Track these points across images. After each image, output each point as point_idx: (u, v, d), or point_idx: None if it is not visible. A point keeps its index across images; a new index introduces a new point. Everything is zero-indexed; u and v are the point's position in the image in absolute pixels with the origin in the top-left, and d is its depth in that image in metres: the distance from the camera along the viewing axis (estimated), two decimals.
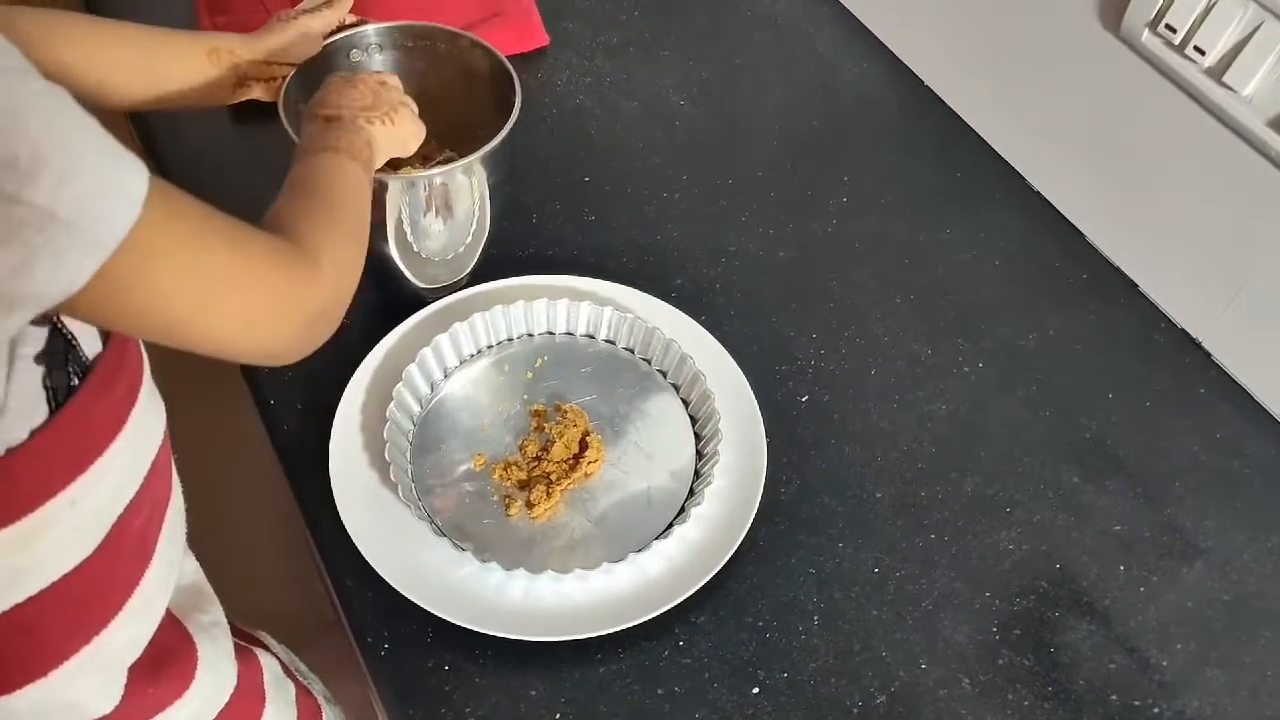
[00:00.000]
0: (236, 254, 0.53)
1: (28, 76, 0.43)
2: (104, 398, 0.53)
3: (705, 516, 0.78)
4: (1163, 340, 0.94)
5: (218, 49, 0.75)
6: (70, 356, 0.51)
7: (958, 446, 0.86)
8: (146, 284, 0.48)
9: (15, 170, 0.41)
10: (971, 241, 1.01)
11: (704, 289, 0.95)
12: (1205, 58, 0.82)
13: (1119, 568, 0.80)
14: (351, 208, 0.67)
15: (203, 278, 0.51)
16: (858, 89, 1.15)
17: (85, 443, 0.53)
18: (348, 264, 0.63)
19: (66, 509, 0.53)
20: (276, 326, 0.56)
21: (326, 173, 0.67)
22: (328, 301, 0.60)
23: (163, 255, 0.48)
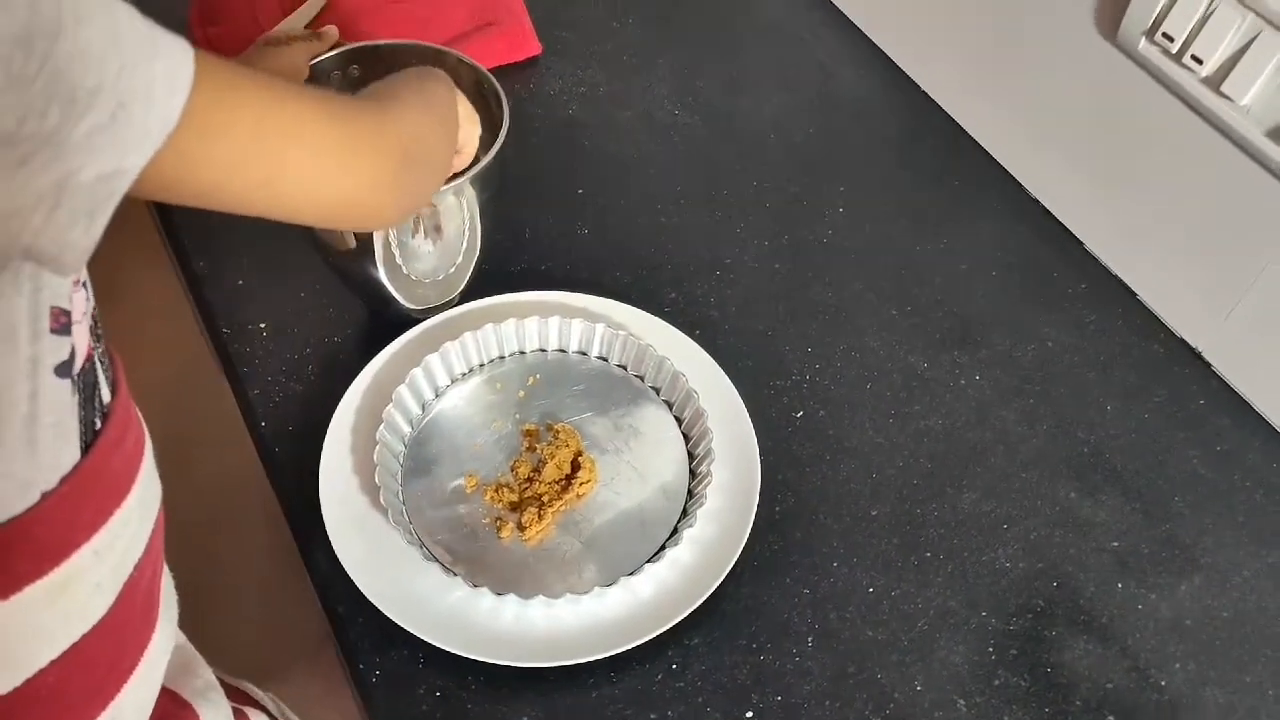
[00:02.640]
0: (304, 108, 0.52)
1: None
2: (120, 445, 0.52)
3: (698, 537, 0.78)
4: (1162, 350, 0.93)
5: None
6: (97, 394, 0.51)
7: (954, 462, 0.85)
8: (235, 116, 0.46)
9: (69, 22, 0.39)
10: (969, 251, 1.00)
11: (698, 303, 0.94)
12: (1203, 67, 0.80)
13: (1117, 584, 0.80)
14: (433, 80, 0.67)
15: (272, 132, 0.49)
16: (855, 97, 1.14)
17: (107, 491, 0.52)
18: (424, 110, 0.63)
19: (91, 561, 0.51)
20: (358, 167, 0.54)
21: (406, 71, 0.68)
22: (410, 140, 0.59)
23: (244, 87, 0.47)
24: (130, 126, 0.41)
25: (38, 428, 0.46)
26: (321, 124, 0.52)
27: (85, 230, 0.42)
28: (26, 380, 0.45)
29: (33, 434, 0.46)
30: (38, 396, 0.46)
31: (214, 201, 0.48)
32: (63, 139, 0.39)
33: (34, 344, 0.45)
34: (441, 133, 0.67)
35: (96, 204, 0.42)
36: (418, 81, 0.66)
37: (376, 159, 0.55)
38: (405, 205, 0.60)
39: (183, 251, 0.94)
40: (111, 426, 0.51)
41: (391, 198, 0.57)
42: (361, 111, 0.57)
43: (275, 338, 0.89)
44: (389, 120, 0.58)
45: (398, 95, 0.62)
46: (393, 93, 0.62)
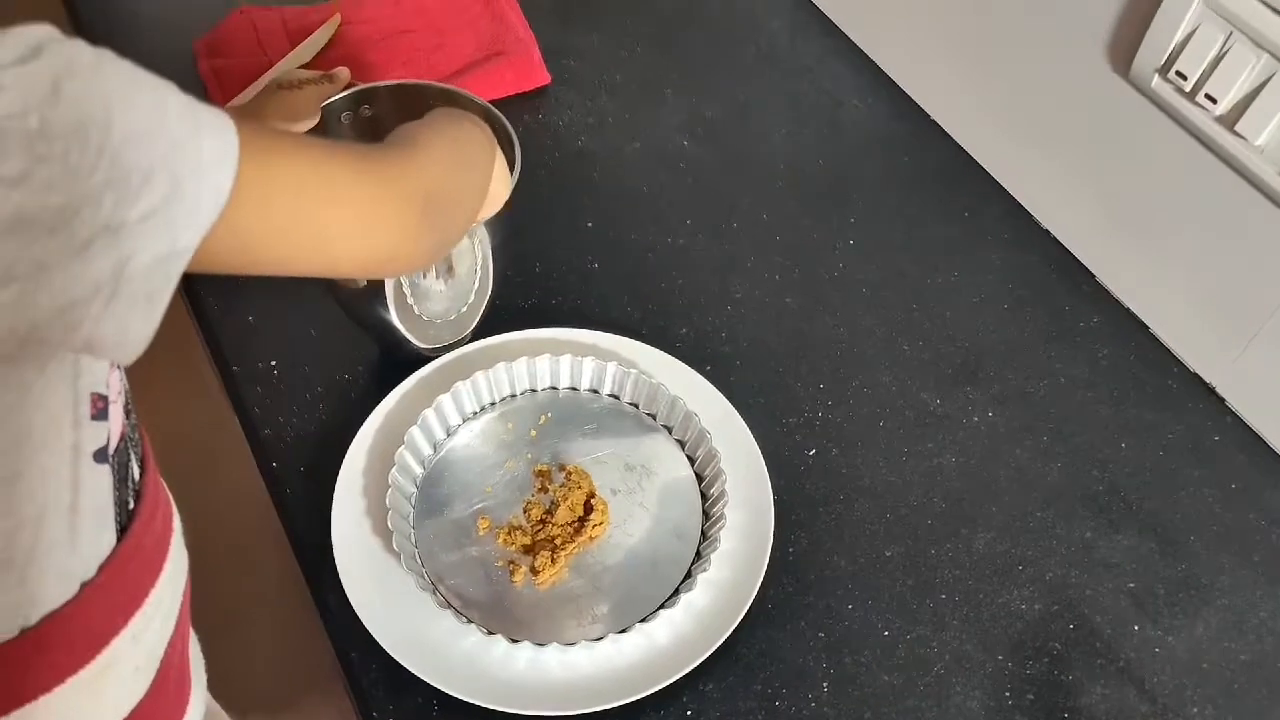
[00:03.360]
0: (335, 168, 0.52)
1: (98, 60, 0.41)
2: (152, 523, 0.52)
3: (712, 580, 0.77)
4: (1176, 386, 0.93)
5: None
6: (129, 473, 0.50)
7: (968, 501, 0.85)
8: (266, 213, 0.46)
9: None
10: (980, 284, 1.00)
11: (709, 338, 0.94)
12: (1217, 106, 0.80)
13: (1133, 627, 0.79)
14: (462, 122, 0.67)
15: (311, 195, 0.49)
16: (864, 126, 1.14)
17: (141, 572, 0.52)
18: (451, 152, 0.63)
19: (129, 646, 0.51)
20: (385, 221, 0.54)
21: (436, 114, 0.68)
22: (434, 184, 0.59)
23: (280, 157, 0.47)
24: (183, 205, 0.41)
25: (79, 517, 0.46)
26: (352, 181, 0.52)
27: (145, 317, 0.41)
28: (69, 470, 0.45)
29: (74, 524, 0.46)
30: (79, 486, 0.46)
31: (256, 268, 0.48)
32: (119, 224, 0.39)
33: (75, 431, 0.45)
34: (469, 176, 0.66)
35: (154, 289, 0.41)
36: (450, 125, 0.66)
37: (401, 207, 0.55)
38: (433, 250, 0.60)
39: (193, 288, 0.94)
40: (144, 505, 0.50)
41: (418, 245, 0.57)
42: (385, 162, 0.57)
43: (286, 376, 0.89)
44: (411, 168, 0.58)
45: (421, 141, 0.61)
46: (417, 138, 0.62)
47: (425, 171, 0.58)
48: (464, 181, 0.65)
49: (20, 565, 0.44)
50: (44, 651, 0.46)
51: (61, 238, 0.38)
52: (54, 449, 0.44)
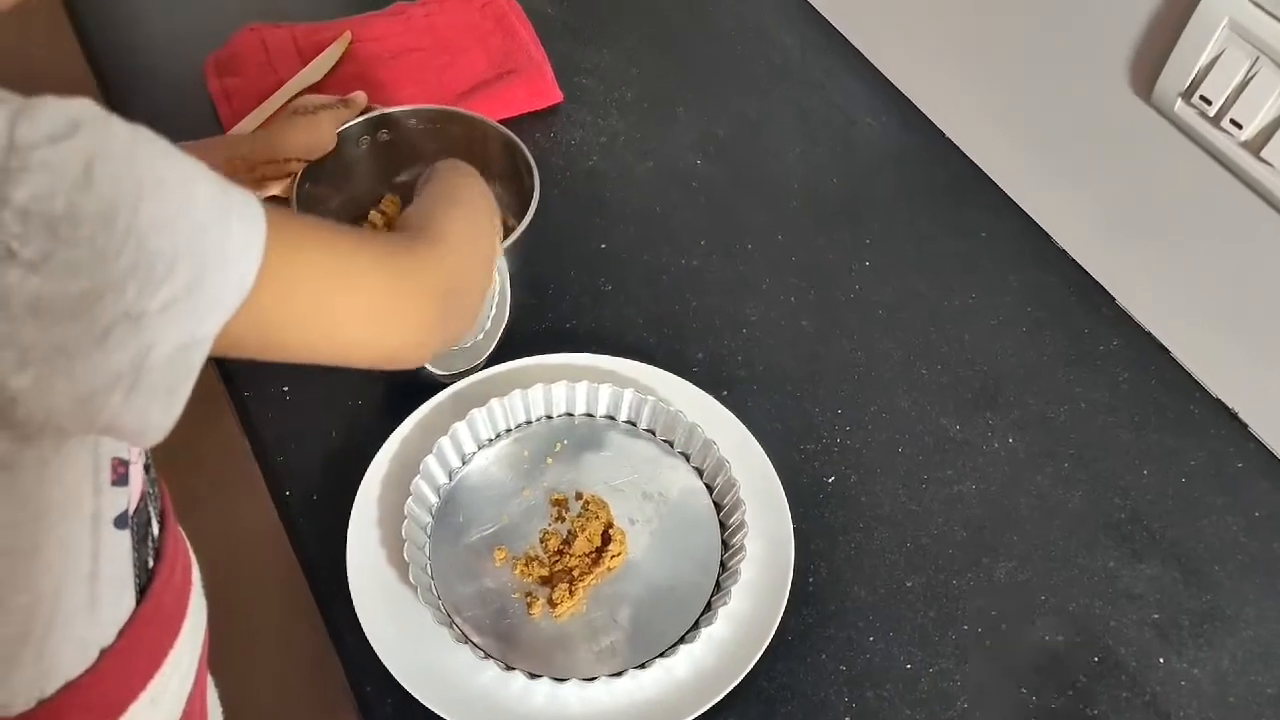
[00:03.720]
0: (360, 260, 0.51)
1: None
2: (171, 581, 0.51)
3: (732, 611, 0.76)
4: (1198, 411, 0.92)
5: (231, 158, 0.73)
6: (149, 532, 0.49)
7: (989, 529, 0.84)
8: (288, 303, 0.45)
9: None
10: (998, 306, 0.99)
11: (725, 362, 0.93)
12: (1243, 131, 0.79)
13: (1158, 659, 0.78)
14: (472, 191, 0.67)
15: (334, 286, 0.48)
16: (877, 142, 1.13)
17: (160, 633, 0.50)
18: (469, 240, 0.63)
19: (148, 709, 0.50)
20: (405, 316, 0.54)
21: (444, 171, 0.69)
22: (453, 278, 0.58)
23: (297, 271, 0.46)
24: (205, 294, 0.39)
25: (99, 584, 0.45)
26: (375, 274, 0.51)
27: (165, 409, 0.40)
28: (89, 538, 0.44)
29: (94, 591, 0.45)
30: (99, 554, 0.44)
31: (269, 353, 0.47)
32: (140, 312, 0.37)
33: (96, 499, 0.44)
34: (482, 254, 0.66)
35: (176, 380, 0.40)
36: (462, 192, 0.66)
37: (422, 302, 0.54)
38: (448, 341, 0.60)
39: None
40: (164, 563, 0.49)
41: (434, 338, 0.57)
42: (409, 254, 0.56)
43: (299, 402, 0.88)
44: (433, 260, 0.57)
45: (441, 226, 0.60)
46: (436, 222, 0.61)
47: (445, 263, 0.58)
48: (478, 263, 0.65)
49: (38, 639, 0.43)
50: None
51: (82, 324, 0.36)
52: (73, 519, 0.43)
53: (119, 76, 1.12)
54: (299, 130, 0.76)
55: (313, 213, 0.81)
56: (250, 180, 0.74)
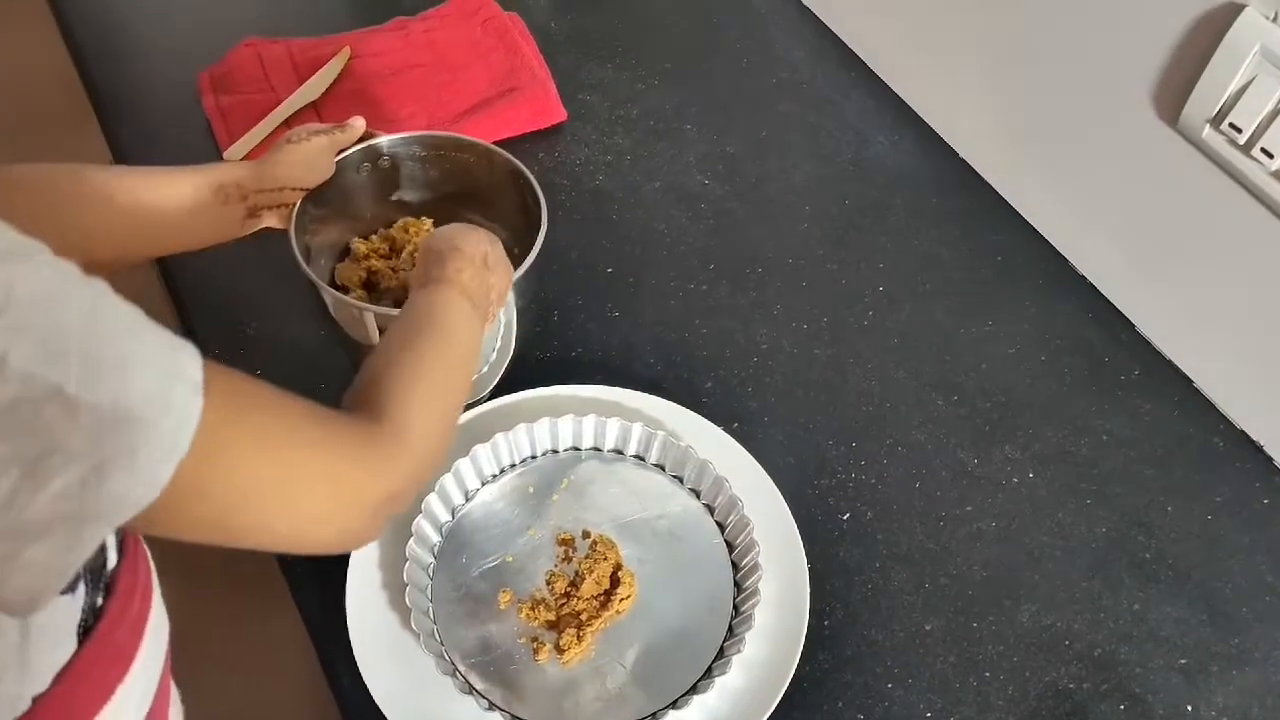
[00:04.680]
0: (312, 446, 0.49)
1: (59, 267, 0.39)
2: (125, 616, 0.48)
3: (746, 658, 0.73)
4: (1222, 444, 0.89)
5: (224, 184, 0.70)
6: (103, 569, 0.46)
7: (1010, 569, 0.81)
8: (224, 482, 0.43)
9: (68, 369, 0.36)
10: (1015, 333, 0.96)
11: (735, 392, 0.90)
12: (1274, 160, 0.77)
13: (1186, 707, 0.75)
14: (454, 353, 0.63)
15: (279, 473, 0.46)
16: (890, 163, 1.10)
17: (110, 664, 0.48)
18: (438, 431, 0.59)
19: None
20: (350, 520, 0.51)
21: (430, 308, 0.64)
22: (408, 482, 0.55)
23: (236, 450, 0.44)
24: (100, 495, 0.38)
25: (29, 649, 0.42)
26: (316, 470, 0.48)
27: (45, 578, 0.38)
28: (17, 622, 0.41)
29: (24, 656, 0.42)
30: (30, 625, 0.42)
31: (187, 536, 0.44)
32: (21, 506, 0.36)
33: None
34: (450, 422, 0.62)
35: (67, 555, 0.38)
36: (441, 337, 0.62)
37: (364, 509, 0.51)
38: (378, 535, 0.55)
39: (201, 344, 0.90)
40: (116, 600, 0.46)
41: (370, 535, 0.54)
42: (360, 460, 0.51)
43: None
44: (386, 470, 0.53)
45: (409, 420, 0.55)
46: (404, 411, 0.56)
47: (399, 469, 0.54)
48: (440, 448, 0.59)
49: None
50: None
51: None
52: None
53: (112, 93, 1.09)
54: (295, 159, 0.73)
55: (310, 240, 0.78)
56: (243, 209, 0.71)
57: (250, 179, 0.71)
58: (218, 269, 0.94)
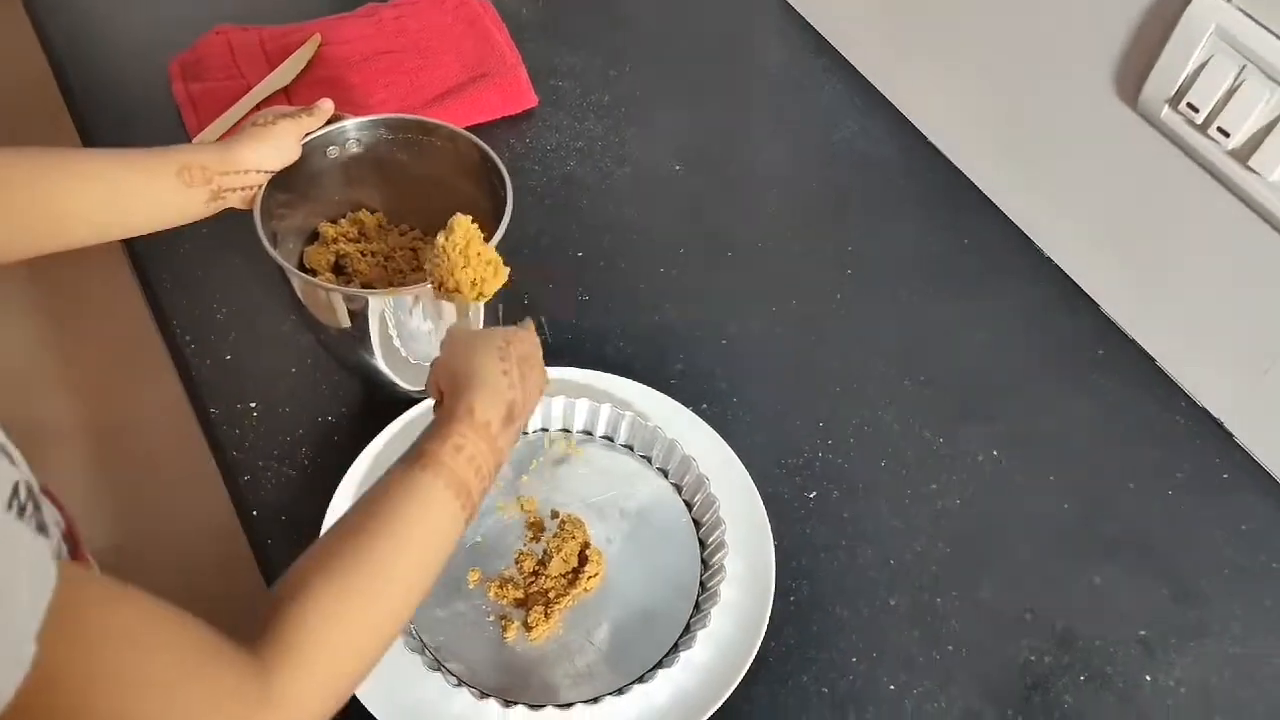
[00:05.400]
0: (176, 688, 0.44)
1: None
2: None
3: (712, 633, 0.74)
4: (1184, 422, 0.91)
5: (189, 166, 0.70)
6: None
7: (974, 546, 0.82)
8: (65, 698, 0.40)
9: None
10: (982, 315, 0.97)
11: (704, 374, 0.91)
12: (1229, 140, 0.78)
13: (1145, 677, 0.77)
14: (412, 561, 0.54)
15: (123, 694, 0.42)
16: (860, 149, 1.11)
17: None
18: (355, 667, 0.51)
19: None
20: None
21: (404, 498, 0.55)
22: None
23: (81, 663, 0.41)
24: None
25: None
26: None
27: None
28: None
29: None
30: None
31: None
32: None
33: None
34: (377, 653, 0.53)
35: None
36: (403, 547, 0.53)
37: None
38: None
39: (169, 328, 0.91)
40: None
41: None
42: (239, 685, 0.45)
43: (266, 419, 0.85)
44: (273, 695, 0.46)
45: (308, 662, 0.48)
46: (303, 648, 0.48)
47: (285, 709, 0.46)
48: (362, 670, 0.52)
49: None
50: None
51: None
52: None
53: (81, 80, 1.09)
54: (261, 142, 0.73)
55: (277, 225, 0.78)
56: (207, 192, 0.72)
57: (215, 161, 0.71)
58: (188, 253, 0.95)
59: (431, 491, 0.56)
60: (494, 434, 0.59)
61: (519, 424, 0.62)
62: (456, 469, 0.57)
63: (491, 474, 0.60)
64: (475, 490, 0.58)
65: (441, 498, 0.56)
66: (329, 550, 0.53)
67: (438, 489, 0.56)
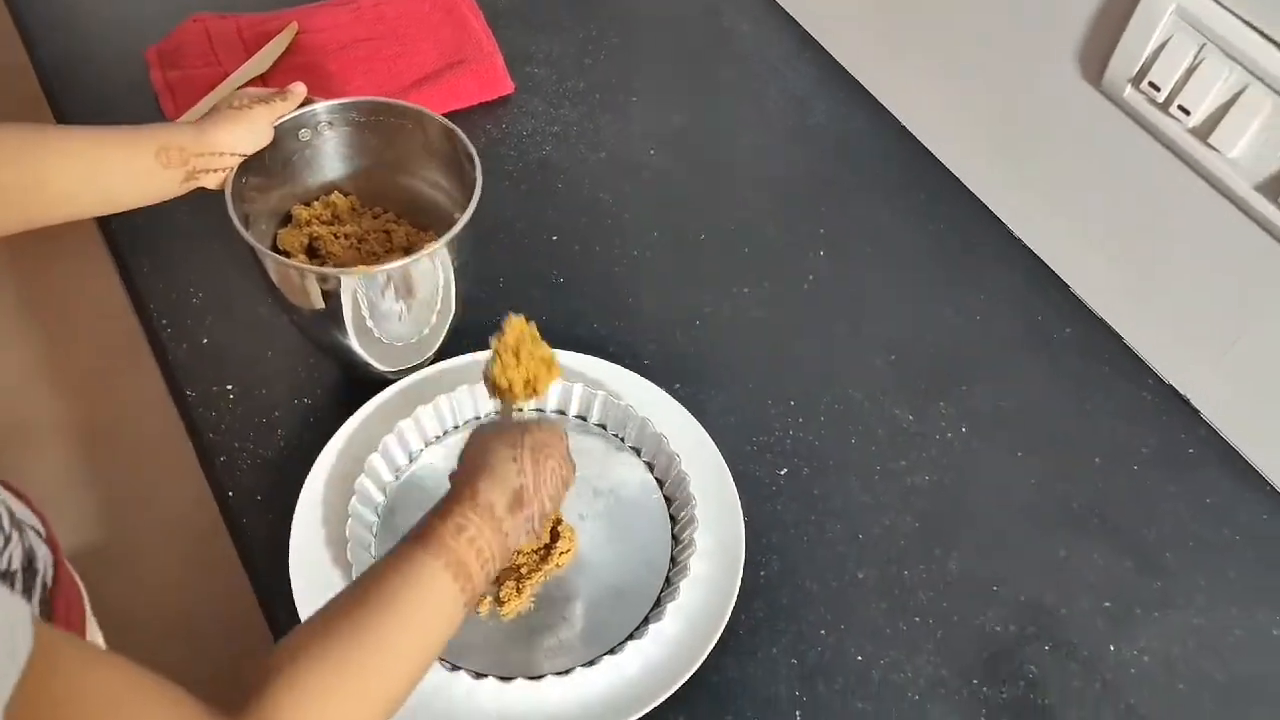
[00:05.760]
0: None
1: None
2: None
3: (682, 606, 0.75)
4: (1150, 398, 0.92)
5: (167, 147, 0.71)
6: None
7: (941, 520, 0.83)
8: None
9: None
10: (952, 295, 0.98)
11: (677, 355, 0.92)
12: (1190, 118, 0.79)
13: (1109, 647, 0.78)
14: (407, 645, 0.53)
15: None
16: (833, 132, 1.12)
17: None
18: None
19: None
20: None
21: (401, 580, 0.54)
22: None
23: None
24: None
25: None
26: None
27: None
28: None
29: None
30: None
31: None
32: None
33: None
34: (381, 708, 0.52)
35: None
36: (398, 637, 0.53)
37: None
38: None
39: (146, 312, 0.91)
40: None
41: None
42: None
43: (242, 401, 0.86)
44: None
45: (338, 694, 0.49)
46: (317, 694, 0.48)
47: None
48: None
49: None
50: None
51: None
52: None
53: (58, 67, 1.10)
54: (236, 124, 0.74)
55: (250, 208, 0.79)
56: (183, 173, 0.73)
57: (191, 143, 0.72)
58: (165, 238, 0.95)
59: (430, 571, 0.56)
60: (498, 517, 0.60)
61: (529, 511, 0.62)
62: (457, 549, 0.57)
63: (496, 557, 0.59)
64: (476, 573, 0.57)
65: (441, 578, 0.56)
66: (325, 624, 0.52)
67: (437, 569, 0.56)
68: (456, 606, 0.57)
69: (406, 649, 0.54)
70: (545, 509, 0.64)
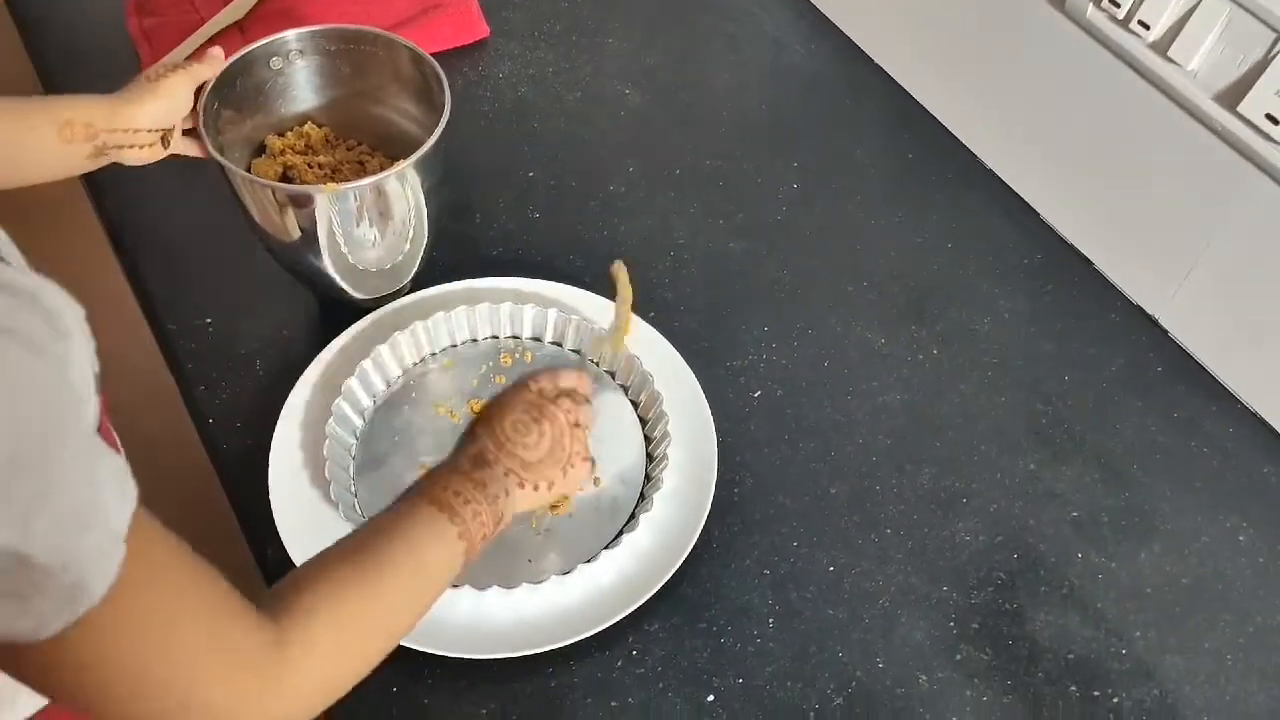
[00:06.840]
0: (205, 635, 0.46)
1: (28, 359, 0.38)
2: None
3: (657, 520, 0.77)
4: (1118, 319, 0.93)
5: (71, 122, 0.68)
6: None
7: (913, 437, 0.85)
8: (113, 651, 0.43)
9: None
10: (924, 224, 0.99)
11: (653, 285, 0.93)
12: (1150, 32, 0.80)
13: (1076, 555, 0.79)
14: (405, 595, 0.58)
15: (162, 655, 0.45)
16: (806, 69, 1.13)
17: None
18: (349, 664, 0.55)
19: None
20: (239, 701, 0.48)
21: (409, 534, 0.59)
22: (294, 711, 0.51)
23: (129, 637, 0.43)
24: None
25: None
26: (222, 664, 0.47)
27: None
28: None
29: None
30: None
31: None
32: None
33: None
34: (368, 660, 0.56)
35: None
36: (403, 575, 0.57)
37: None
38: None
39: (122, 244, 0.92)
40: None
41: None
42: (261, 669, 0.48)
43: (222, 332, 0.87)
44: (280, 693, 0.49)
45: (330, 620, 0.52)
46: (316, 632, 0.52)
47: (292, 700, 0.50)
48: (357, 665, 0.55)
49: None
50: None
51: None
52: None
53: (37, 14, 1.10)
54: (153, 99, 0.71)
55: (224, 137, 0.80)
56: (90, 148, 0.70)
57: (102, 118, 0.70)
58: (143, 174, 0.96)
59: (429, 528, 0.60)
60: (465, 470, 0.64)
61: (493, 470, 0.65)
62: (452, 505, 0.61)
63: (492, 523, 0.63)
64: (474, 535, 0.61)
65: (439, 527, 0.60)
66: (334, 568, 0.56)
67: (435, 519, 0.60)
68: (453, 551, 0.60)
69: (403, 592, 0.58)
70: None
